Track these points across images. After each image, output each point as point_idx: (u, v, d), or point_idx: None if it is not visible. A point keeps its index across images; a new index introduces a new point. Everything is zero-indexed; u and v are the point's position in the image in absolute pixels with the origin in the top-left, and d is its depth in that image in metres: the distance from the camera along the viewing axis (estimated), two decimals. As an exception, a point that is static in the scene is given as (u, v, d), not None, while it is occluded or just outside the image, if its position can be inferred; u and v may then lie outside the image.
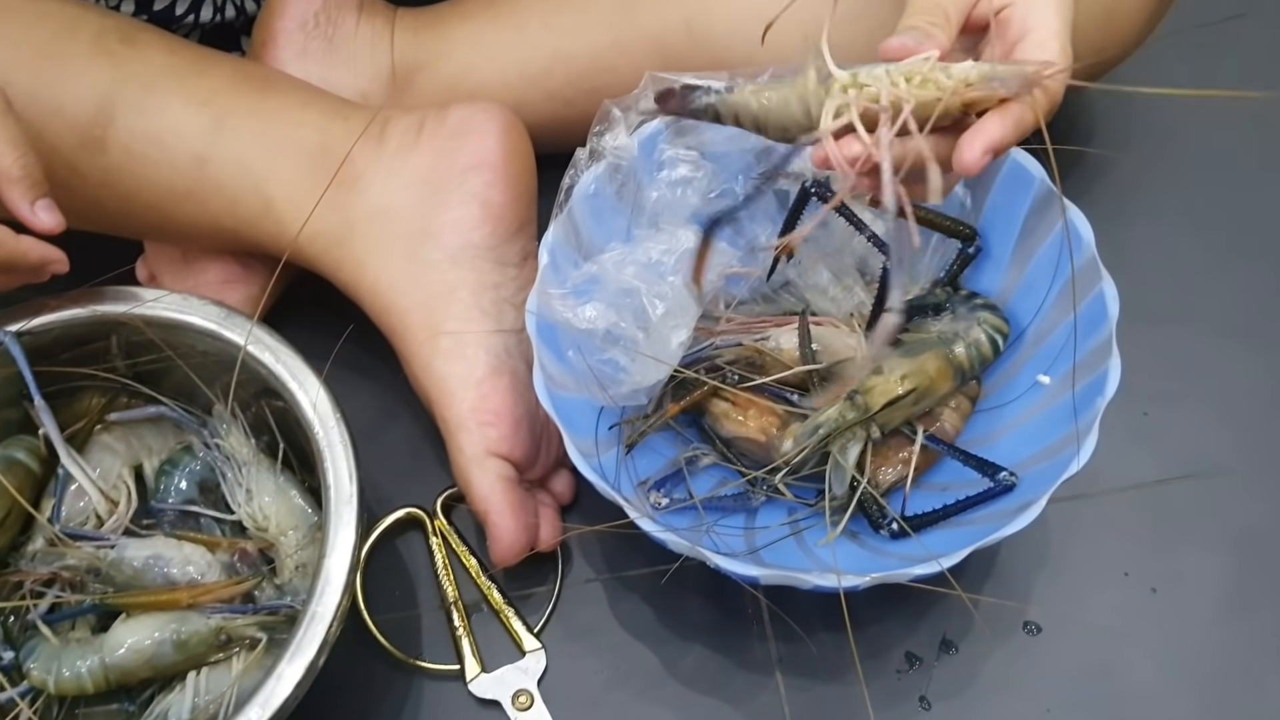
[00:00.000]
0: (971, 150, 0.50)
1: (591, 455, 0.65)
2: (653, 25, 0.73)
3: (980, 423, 0.70)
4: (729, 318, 0.70)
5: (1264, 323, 0.78)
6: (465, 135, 0.70)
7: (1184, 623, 0.69)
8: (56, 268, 0.59)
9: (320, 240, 0.69)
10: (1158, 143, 0.84)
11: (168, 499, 0.68)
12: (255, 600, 0.65)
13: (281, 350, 0.63)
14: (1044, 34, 0.53)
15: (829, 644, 0.68)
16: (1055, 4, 0.53)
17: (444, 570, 0.70)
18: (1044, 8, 0.53)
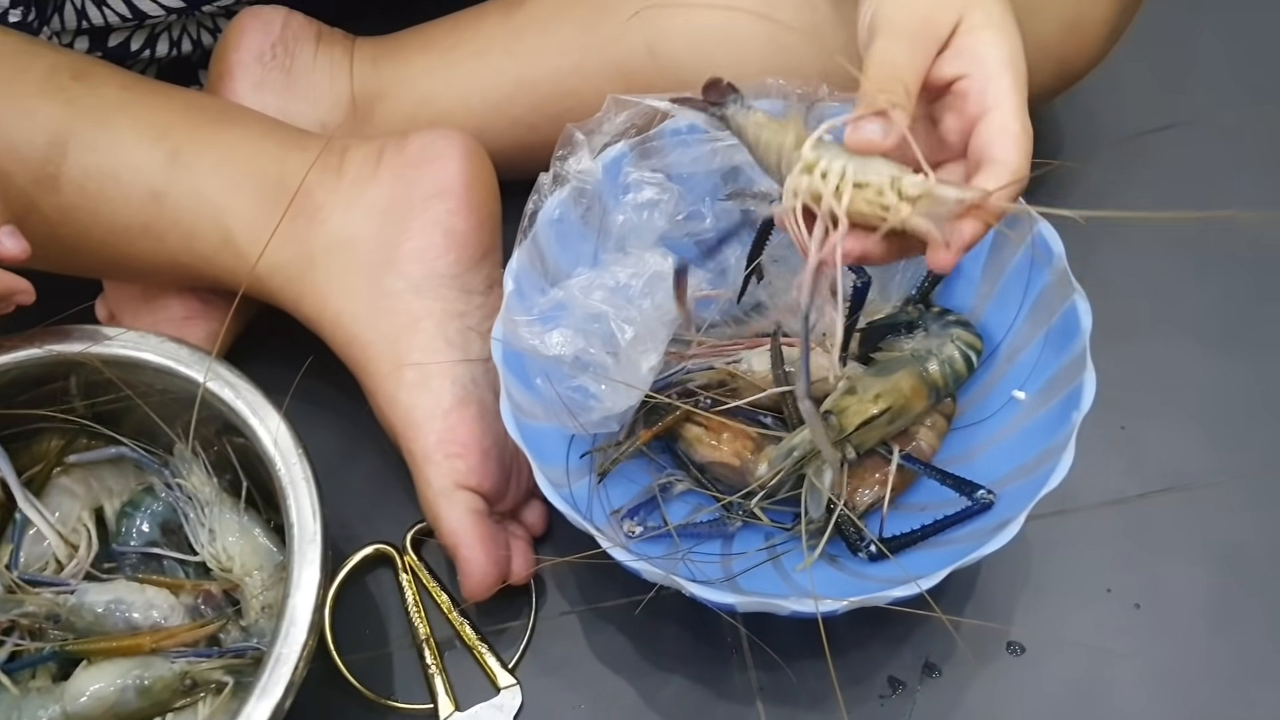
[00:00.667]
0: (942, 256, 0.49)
1: (563, 485, 0.64)
2: (615, 49, 0.72)
3: (956, 441, 0.69)
4: (700, 341, 0.69)
5: (1238, 331, 0.78)
6: (426, 163, 0.69)
7: (1169, 638, 0.68)
8: (22, 298, 0.58)
9: (281, 273, 0.68)
10: (1125, 154, 0.84)
11: (129, 541, 0.66)
12: (221, 643, 0.63)
13: (241, 386, 0.62)
14: (1005, 115, 0.50)
15: (810, 671, 0.67)
16: (1013, 75, 0.51)
17: (415, 607, 0.69)
18: (1003, 82, 0.51)
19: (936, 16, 0.51)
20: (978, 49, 0.51)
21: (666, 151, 0.68)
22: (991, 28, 0.52)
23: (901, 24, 0.51)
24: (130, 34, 0.76)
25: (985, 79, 0.51)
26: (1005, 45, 0.52)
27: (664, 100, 0.67)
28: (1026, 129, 0.51)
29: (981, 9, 0.52)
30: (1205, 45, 0.89)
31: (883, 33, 0.51)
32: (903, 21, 0.51)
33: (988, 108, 0.51)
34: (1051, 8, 0.68)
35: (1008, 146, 0.50)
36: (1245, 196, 0.83)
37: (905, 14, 0.51)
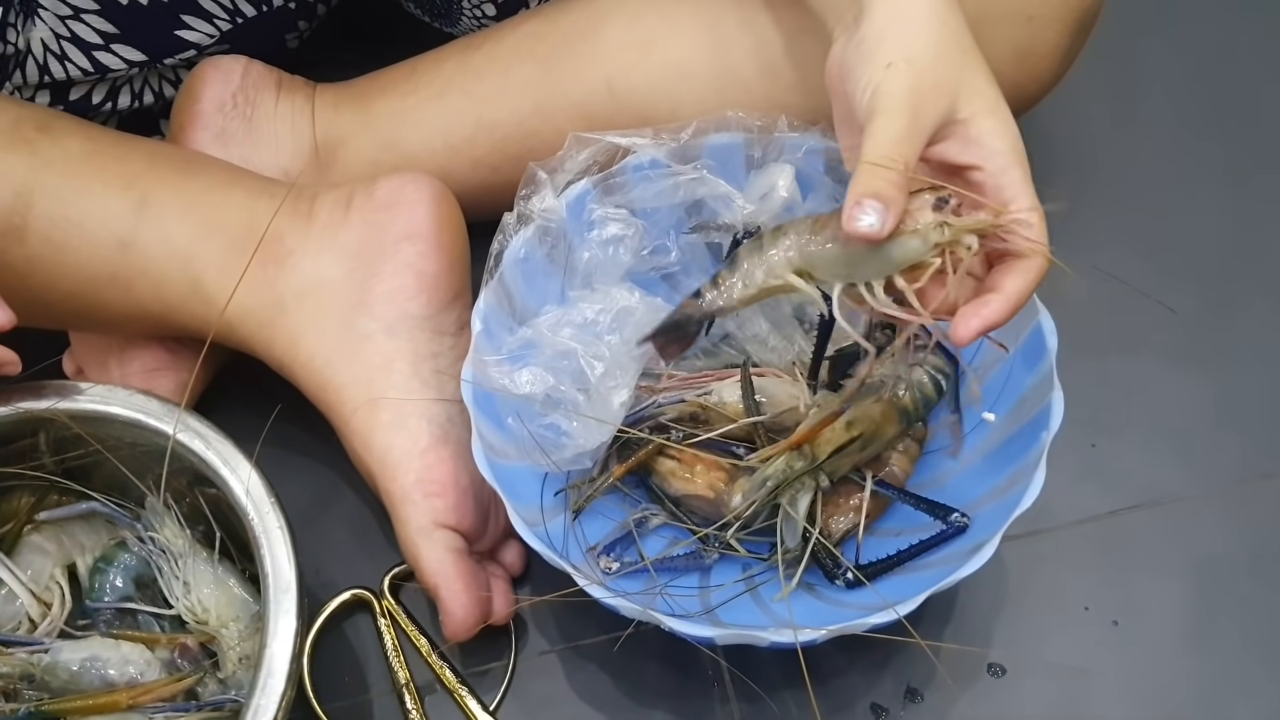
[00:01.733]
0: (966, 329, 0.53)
1: (538, 523, 0.64)
2: (574, 88, 0.73)
3: (929, 465, 0.69)
4: (670, 374, 0.70)
5: (1202, 346, 0.78)
6: (395, 206, 0.69)
7: (1148, 654, 0.68)
8: (8, 369, 0.58)
9: (252, 320, 0.68)
10: (1085, 175, 0.85)
11: (103, 597, 0.66)
12: (198, 696, 0.63)
13: (212, 436, 0.62)
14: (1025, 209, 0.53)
15: (792, 701, 0.67)
16: (1022, 165, 0.53)
17: (394, 652, 0.68)
18: (1015, 174, 0.53)
19: (935, 99, 0.53)
20: (986, 141, 0.53)
21: (629, 187, 0.69)
22: (993, 115, 0.54)
23: (904, 103, 0.52)
24: (91, 87, 0.76)
25: (998, 172, 0.53)
26: (1010, 134, 0.54)
27: (625, 136, 0.68)
28: (1042, 214, 0.54)
29: (980, 96, 0.54)
30: (1158, 66, 0.90)
31: (884, 111, 0.52)
32: (904, 101, 0.52)
33: (1006, 200, 0.53)
34: (1004, 35, 0.69)
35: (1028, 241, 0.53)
36: (1202, 213, 0.84)
37: (909, 93, 0.52)
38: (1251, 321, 0.79)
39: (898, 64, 0.52)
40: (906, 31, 0.54)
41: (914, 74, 0.52)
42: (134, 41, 0.74)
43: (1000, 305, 0.53)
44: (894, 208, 0.51)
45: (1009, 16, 0.69)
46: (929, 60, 0.53)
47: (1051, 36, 0.70)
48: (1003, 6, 0.69)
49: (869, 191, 0.51)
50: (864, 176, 0.51)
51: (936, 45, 0.54)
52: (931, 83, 0.53)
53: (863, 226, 0.51)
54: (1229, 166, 0.86)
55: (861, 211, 0.51)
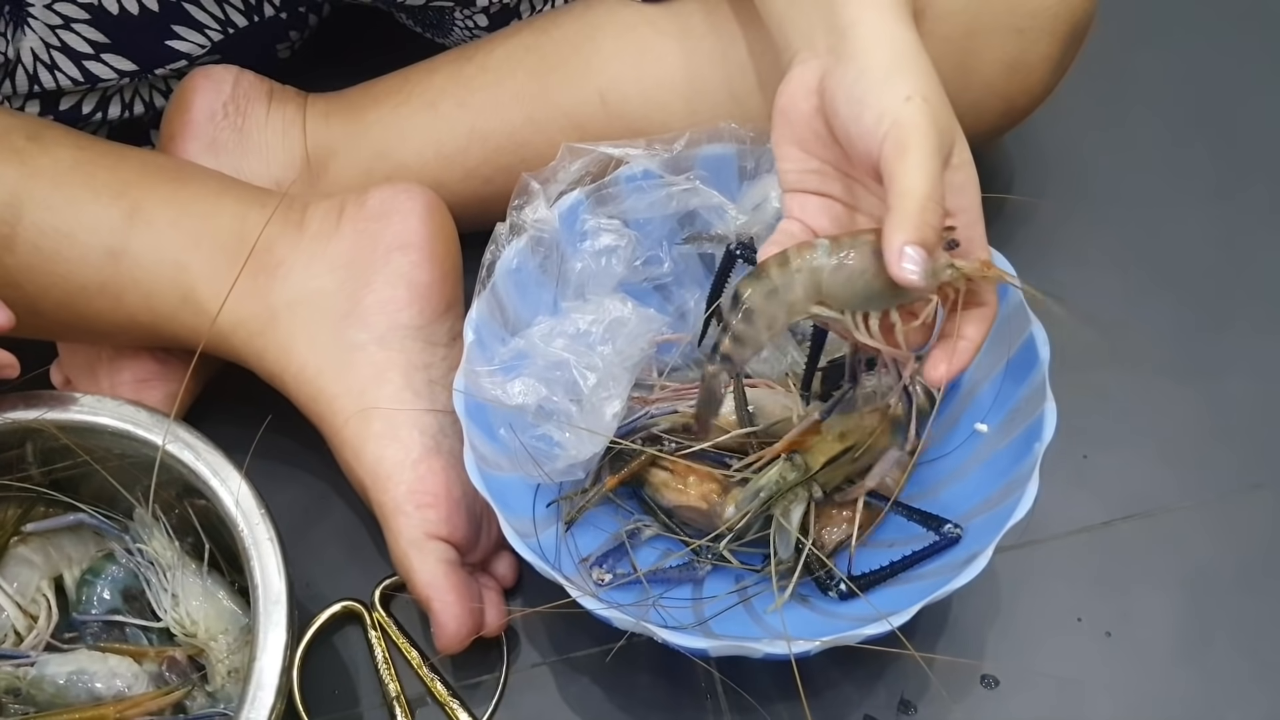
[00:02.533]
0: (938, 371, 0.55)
1: (530, 535, 0.64)
2: (566, 99, 0.73)
3: (922, 476, 0.69)
4: (662, 385, 0.69)
5: (1192, 357, 0.79)
6: (387, 216, 0.69)
7: (1141, 665, 0.68)
8: (7, 372, 0.57)
9: (242, 330, 0.68)
10: (1074, 188, 0.86)
11: (90, 610, 0.65)
12: (187, 710, 0.62)
13: (201, 447, 0.61)
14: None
15: (786, 713, 0.66)
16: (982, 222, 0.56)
17: (385, 664, 0.68)
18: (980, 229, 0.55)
19: (946, 137, 0.53)
20: (968, 190, 0.55)
21: (622, 198, 0.68)
22: (971, 168, 0.55)
23: (933, 140, 0.51)
24: (82, 97, 0.75)
25: (970, 224, 0.55)
26: (978, 190, 0.55)
27: (618, 147, 0.68)
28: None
29: (964, 148, 0.55)
30: (1149, 79, 0.91)
31: (918, 145, 0.51)
32: (933, 138, 0.51)
33: (968, 254, 0.55)
34: (995, 48, 0.70)
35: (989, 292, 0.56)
36: (1192, 225, 0.84)
37: (933, 131, 0.52)
38: (1241, 333, 0.80)
39: (916, 99, 0.52)
40: (915, 69, 0.54)
41: (930, 111, 0.52)
42: (124, 51, 0.73)
43: (968, 351, 0.55)
44: (935, 254, 0.52)
45: (1000, 29, 0.70)
46: (939, 101, 0.53)
47: (1042, 49, 0.71)
48: (994, 19, 0.69)
49: (916, 238, 0.50)
50: (913, 220, 0.50)
51: (939, 89, 0.54)
52: (942, 123, 0.53)
53: (910, 276, 0.51)
54: (1218, 178, 0.86)
55: (908, 259, 0.50)
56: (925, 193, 0.51)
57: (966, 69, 0.70)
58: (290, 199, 0.70)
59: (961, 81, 0.70)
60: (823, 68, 0.56)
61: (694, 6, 0.72)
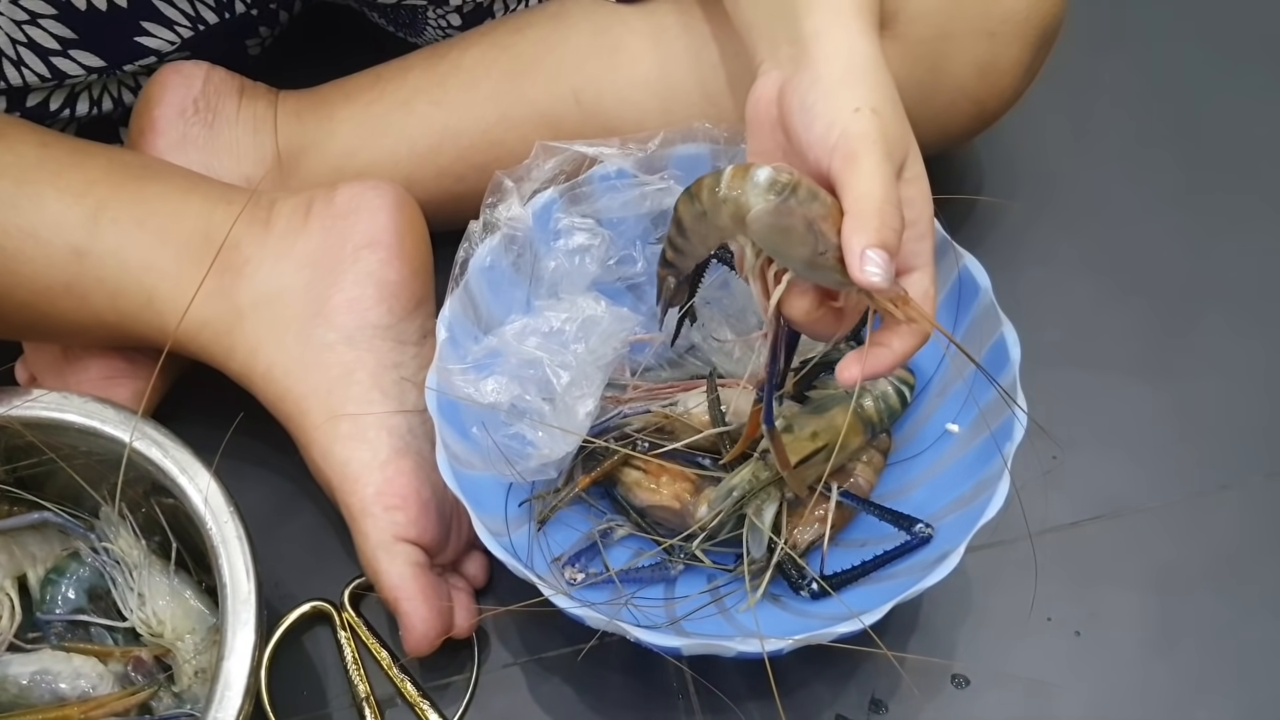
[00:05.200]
0: (850, 372, 0.53)
1: (502, 534, 0.64)
2: (541, 98, 0.72)
3: (893, 475, 0.69)
4: (636, 385, 0.69)
5: (1160, 358, 0.79)
6: (355, 213, 0.68)
7: (1110, 664, 0.69)
8: None
9: (209, 329, 0.67)
10: (1043, 190, 0.86)
11: (55, 609, 0.64)
12: (153, 710, 0.62)
13: (169, 445, 0.61)
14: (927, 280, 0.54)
15: (758, 713, 0.66)
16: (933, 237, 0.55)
17: (354, 665, 0.67)
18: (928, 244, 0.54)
19: (898, 148, 0.53)
20: (918, 203, 0.54)
21: (596, 197, 0.68)
22: (923, 182, 0.55)
23: (884, 149, 0.51)
24: (49, 93, 0.75)
25: (917, 238, 0.54)
26: (930, 205, 0.55)
27: (592, 146, 0.68)
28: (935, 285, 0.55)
29: (917, 161, 0.55)
30: (1117, 83, 0.92)
31: (869, 154, 0.51)
32: (884, 148, 0.51)
33: (913, 267, 0.54)
34: (966, 51, 0.70)
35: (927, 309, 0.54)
36: (1160, 228, 0.85)
37: (883, 141, 0.51)
38: (1208, 335, 0.80)
39: (865, 111, 0.52)
40: (868, 81, 0.54)
41: (881, 123, 0.52)
42: (92, 47, 0.73)
43: (885, 359, 0.53)
44: (896, 255, 0.51)
45: (971, 33, 0.70)
46: (891, 112, 0.53)
47: (1013, 53, 0.71)
48: (965, 23, 0.70)
49: (877, 241, 0.50)
50: (873, 222, 0.50)
51: (893, 100, 0.54)
52: (894, 135, 0.53)
53: (874, 279, 0.50)
54: (1186, 181, 0.87)
55: (870, 264, 0.50)
56: (882, 195, 0.50)
57: (938, 71, 0.71)
58: (258, 196, 0.69)
59: (933, 84, 0.71)
60: (783, 78, 0.56)
61: (668, 7, 0.72)
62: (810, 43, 0.55)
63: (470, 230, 0.68)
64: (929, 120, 0.73)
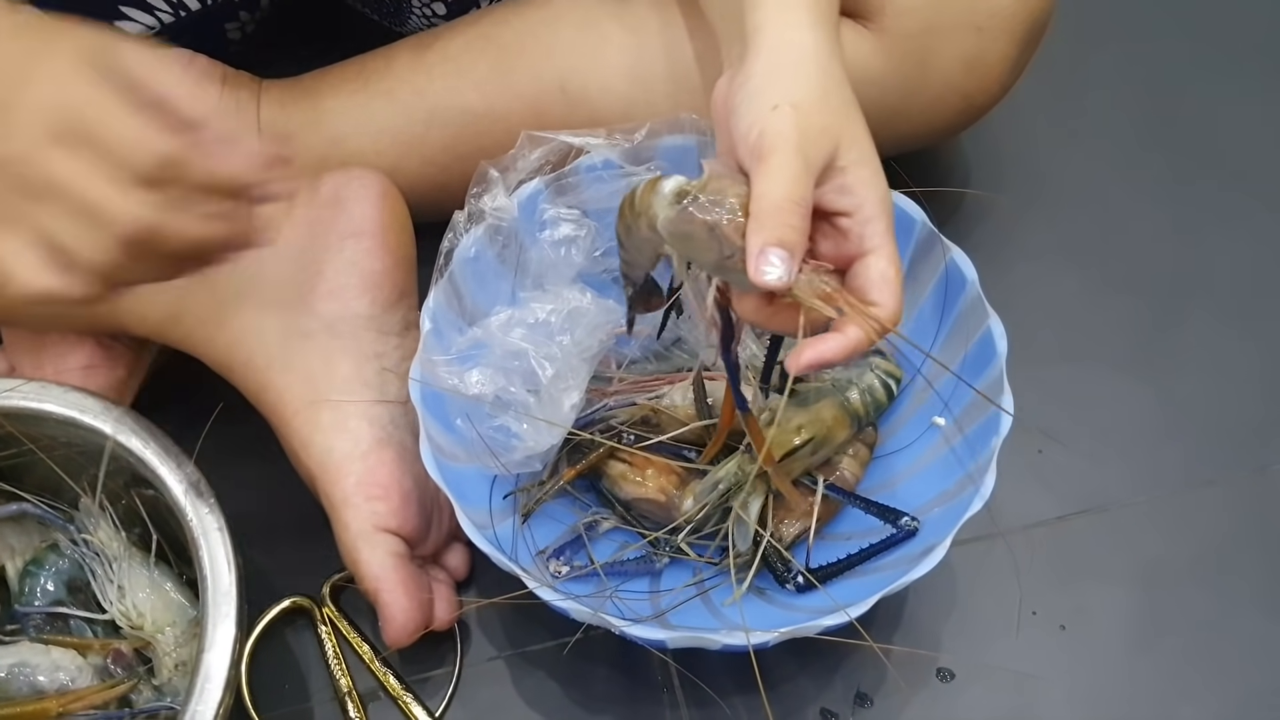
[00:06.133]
0: (797, 361, 0.51)
1: (486, 526, 0.63)
2: (527, 88, 0.72)
3: (879, 469, 0.69)
4: (621, 377, 0.69)
5: (1145, 354, 0.79)
6: (339, 203, 0.68)
7: (1095, 658, 0.69)
8: None
9: (189, 318, 0.66)
10: (1031, 185, 0.86)
11: (33, 601, 0.64)
12: (132, 704, 0.61)
13: (149, 435, 0.60)
14: (883, 262, 0.52)
15: (743, 707, 0.66)
16: (887, 217, 0.53)
17: (335, 659, 0.67)
18: (879, 225, 0.52)
19: (821, 145, 0.52)
20: (858, 190, 0.53)
21: (582, 188, 0.68)
22: (868, 166, 0.53)
23: (797, 146, 0.51)
24: (28, 79, 0.74)
25: (864, 221, 0.52)
26: (880, 185, 0.53)
27: (578, 136, 0.67)
28: (899, 270, 0.53)
29: (856, 146, 0.53)
30: (1105, 79, 0.92)
31: (777, 151, 0.51)
32: (797, 144, 0.51)
33: (865, 250, 0.52)
34: (953, 46, 0.70)
35: (886, 293, 0.52)
36: (1147, 224, 0.85)
37: (797, 135, 0.51)
38: (1194, 331, 0.80)
39: (783, 107, 0.52)
40: (792, 76, 0.53)
41: (800, 118, 0.52)
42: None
43: (838, 346, 0.51)
44: (797, 254, 0.50)
45: (958, 27, 0.70)
46: (814, 105, 0.52)
47: (1001, 47, 0.71)
48: (952, 17, 0.70)
49: (774, 240, 0.49)
50: (769, 221, 0.49)
51: (821, 92, 0.53)
52: (816, 128, 0.52)
53: (770, 279, 0.49)
54: (1173, 178, 0.87)
55: (767, 263, 0.49)
56: (782, 194, 0.50)
57: (925, 66, 0.70)
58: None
59: (920, 79, 0.71)
60: (730, 77, 0.56)
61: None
62: (750, 39, 0.55)
63: (455, 220, 0.67)
64: (916, 115, 0.73)
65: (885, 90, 0.71)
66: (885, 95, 0.71)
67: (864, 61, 0.70)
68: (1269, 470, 0.75)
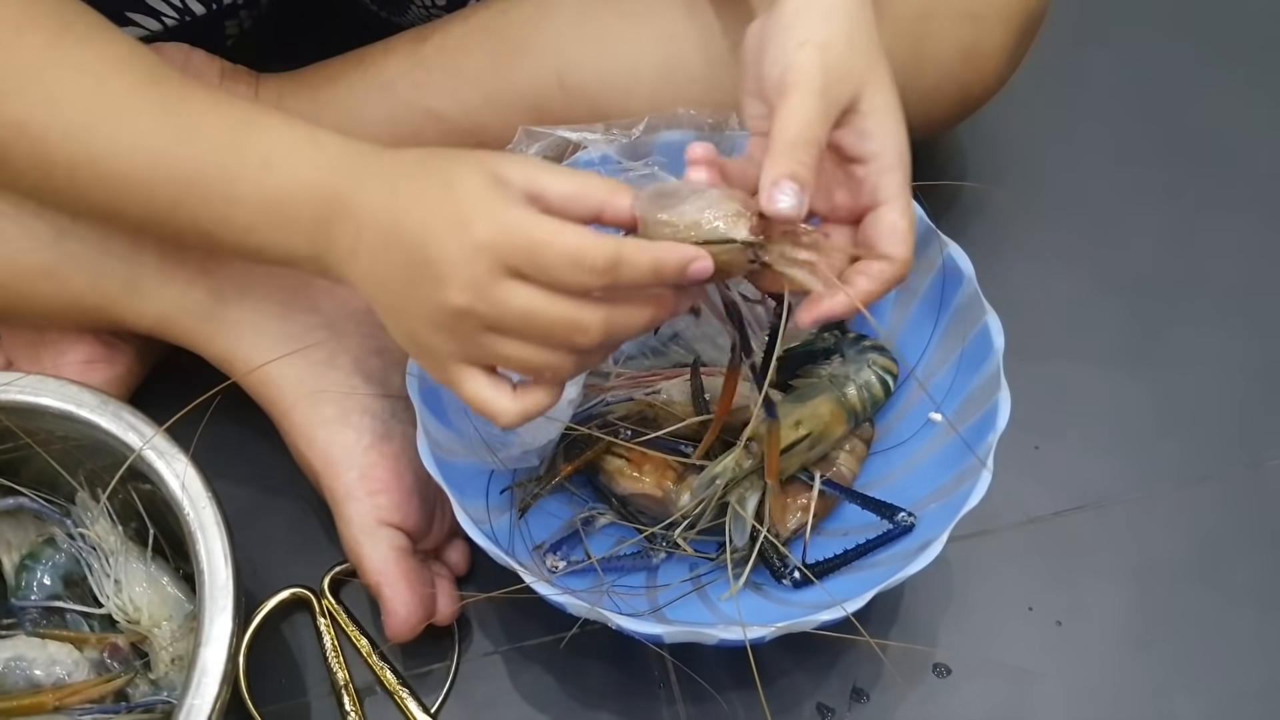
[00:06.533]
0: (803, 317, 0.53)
1: (484, 521, 0.63)
2: (524, 81, 0.72)
3: (876, 465, 0.69)
4: (619, 373, 0.69)
5: (1141, 351, 0.79)
6: None
7: (1091, 654, 0.69)
8: None
9: (190, 315, 0.66)
10: (1027, 182, 0.86)
11: (29, 595, 0.64)
12: (129, 698, 0.61)
13: (147, 430, 0.60)
14: (895, 214, 0.53)
15: (739, 702, 0.66)
16: (904, 169, 0.53)
17: (333, 652, 0.67)
18: (895, 176, 0.53)
19: (844, 86, 0.53)
20: (877, 137, 0.53)
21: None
22: (892, 114, 0.54)
23: (817, 84, 0.52)
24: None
25: (880, 171, 0.53)
26: (899, 136, 0.54)
27: (576, 131, 0.67)
28: (913, 222, 0.53)
29: (883, 91, 0.54)
30: (1102, 71, 0.92)
31: (799, 89, 0.52)
32: (818, 82, 0.52)
33: (879, 201, 0.53)
34: (949, 34, 0.70)
35: (896, 243, 0.53)
36: (1143, 220, 0.85)
37: (821, 74, 0.52)
38: (1191, 326, 0.80)
39: (809, 46, 0.52)
40: (823, 17, 0.54)
41: (825, 57, 0.52)
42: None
43: (843, 302, 0.52)
44: (808, 189, 0.51)
45: (954, 15, 0.70)
46: (841, 46, 0.53)
47: (997, 37, 0.71)
48: (948, 5, 0.70)
49: (786, 172, 0.50)
50: (782, 157, 0.51)
51: (848, 34, 0.54)
52: (841, 69, 0.53)
53: (783, 208, 0.50)
54: (1170, 172, 0.87)
55: (780, 193, 0.50)
56: (796, 131, 0.51)
57: (921, 54, 0.70)
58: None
59: (916, 67, 0.71)
60: (763, 19, 0.56)
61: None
62: None
63: (453, 215, 0.67)
64: (913, 105, 0.72)
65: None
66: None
67: None
68: (1264, 466, 0.75)
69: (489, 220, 0.48)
